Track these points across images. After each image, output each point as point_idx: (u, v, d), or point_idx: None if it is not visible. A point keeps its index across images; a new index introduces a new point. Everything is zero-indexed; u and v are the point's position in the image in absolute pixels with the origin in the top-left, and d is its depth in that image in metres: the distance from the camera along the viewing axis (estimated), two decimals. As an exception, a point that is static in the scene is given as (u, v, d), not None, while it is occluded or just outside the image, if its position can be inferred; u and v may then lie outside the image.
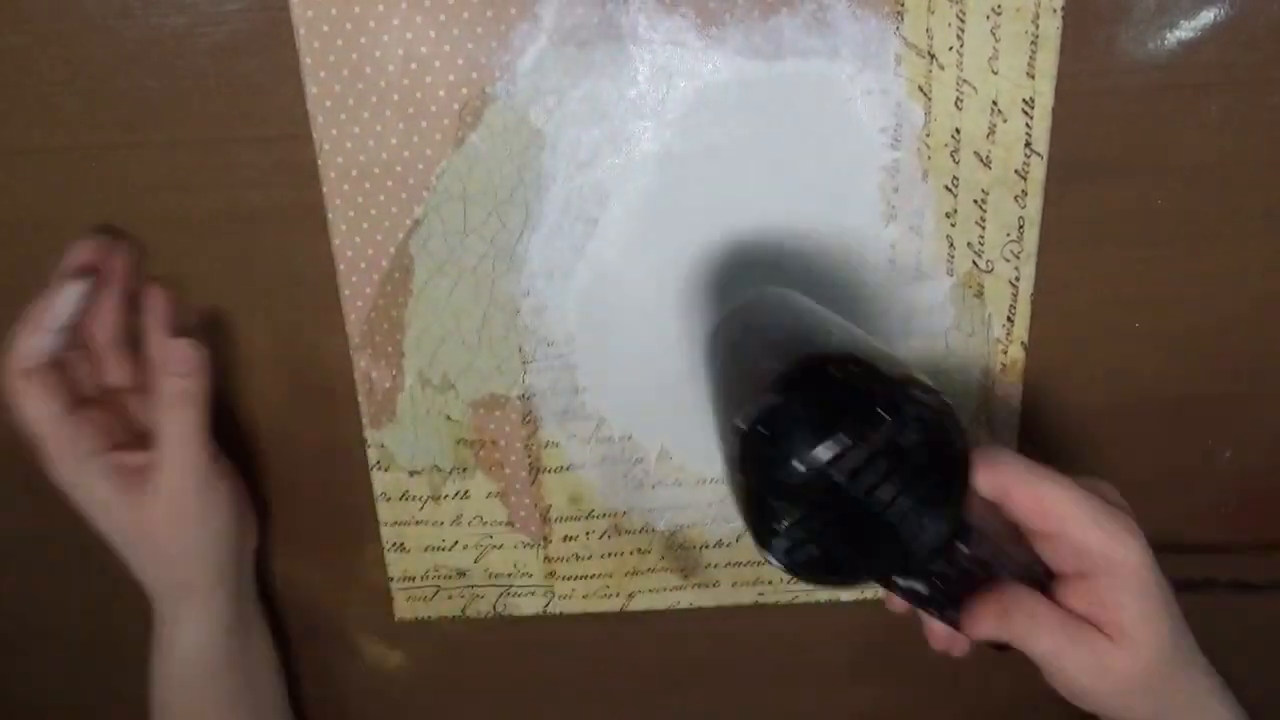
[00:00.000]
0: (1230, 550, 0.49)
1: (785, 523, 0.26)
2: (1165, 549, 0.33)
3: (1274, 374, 0.45)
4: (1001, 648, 0.34)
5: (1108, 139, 0.41)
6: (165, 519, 0.41)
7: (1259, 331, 0.45)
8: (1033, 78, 0.39)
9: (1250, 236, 0.43)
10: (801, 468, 0.26)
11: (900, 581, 0.31)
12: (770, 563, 0.28)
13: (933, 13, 0.39)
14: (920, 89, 0.40)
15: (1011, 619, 0.33)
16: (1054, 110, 0.40)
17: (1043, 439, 0.46)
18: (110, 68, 0.40)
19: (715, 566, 0.49)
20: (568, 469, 0.46)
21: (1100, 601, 0.33)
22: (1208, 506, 0.48)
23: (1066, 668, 0.33)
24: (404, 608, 0.50)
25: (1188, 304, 0.44)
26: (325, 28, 0.39)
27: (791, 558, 0.27)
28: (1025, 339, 0.44)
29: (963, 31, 0.39)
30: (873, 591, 0.49)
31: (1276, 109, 0.40)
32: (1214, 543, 0.49)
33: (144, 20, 0.39)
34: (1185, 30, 0.39)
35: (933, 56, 0.39)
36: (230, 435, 0.46)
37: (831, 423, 0.26)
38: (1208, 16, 0.39)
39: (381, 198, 0.41)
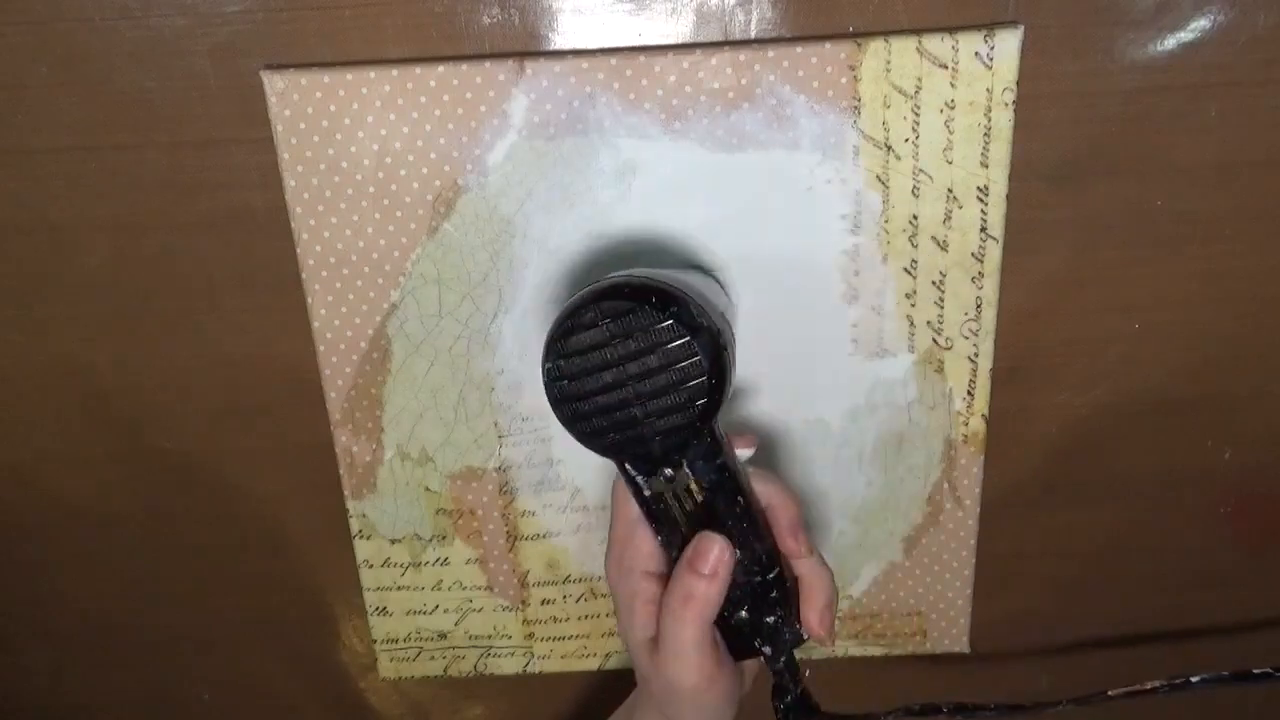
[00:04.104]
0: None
1: (554, 355, 0.33)
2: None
3: (1274, 374, 0.46)
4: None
5: (1108, 139, 0.41)
6: (662, 689, 0.37)
7: (1259, 331, 0.45)
8: (986, 167, 0.41)
9: (1250, 236, 0.43)
10: (573, 325, 0.33)
11: (629, 469, 0.35)
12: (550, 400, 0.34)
13: (888, 107, 0.40)
14: (878, 178, 0.41)
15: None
16: (1054, 110, 0.40)
17: (1041, 442, 0.47)
18: (110, 68, 0.40)
19: (689, 627, 0.50)
20: (544, 536, 0.48)
21: None
22: (1208, 506, 0.49)
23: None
24: (388, 668, 0.51)
25: (1188, 304, 0.44)
26: (302, 125, 0.40)
27: (554, 385, 0.33)
28: (985, 411, 0.45)
29: (918, 124, 0.40)
30: (843, 651, 0.51)
31: (1276, 109, 0.41)
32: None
33: (144, 20, 0.39)
34: (1185, 31, 0.39)
35: (889, 148, 0.40)
36: (226, 437, 0.47)
37: (610, 300, 0.33)
38: (1207, 17, 0.39)
39: (359, 283, 0.43)
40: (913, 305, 0.43)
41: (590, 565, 0.48)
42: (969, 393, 0.45)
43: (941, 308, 0.43)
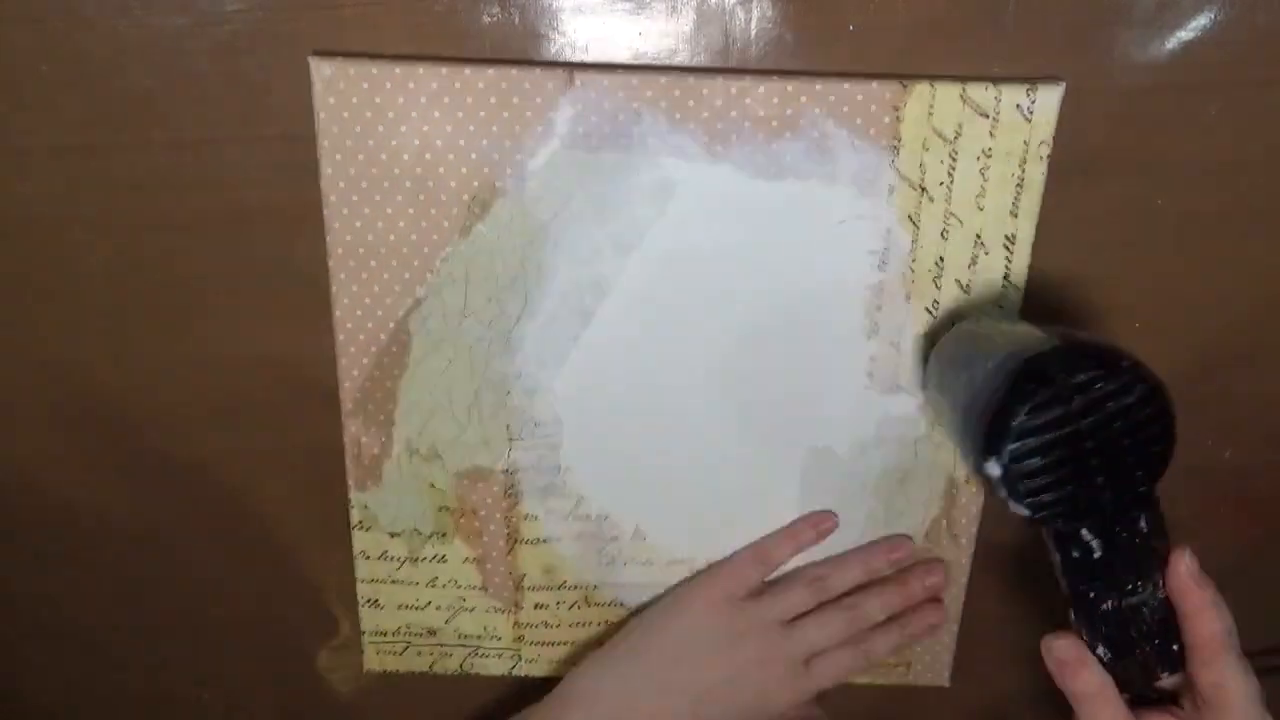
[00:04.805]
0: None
1: (1015, 434, 0.33)
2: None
3: (1274, 374, 0.46)
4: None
5: (1108, 139, 0.41)
6: None
7: (1259, 331, 0.45)
8: (1015, 216, 0.42)
9: (1250, 236, 0.43)
10: (1045, 396, 0.33)
11: (1084, 533, 0.35)
12: (988, 473, 0.34)
13: (927, 150, 0.41)
14: (910, 218, 0.42)
15: (1087, 694, 0.36)
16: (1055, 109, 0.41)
17: None
18: (110, 68, 0.40)
19: (679, 642, 0.50)
20: (544, 541, 0.48)
21: None
22: (1208, 506, 0.49)
23: None
24: (373, 660, 0.51)
25: (1188, 303, 0.45)
26: (345, 114, 0.40)
27: (1014, 465, 0.33)
28: (990, 454, 0.46)
29: (953, 169, 0.41)
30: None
31: (1276, 109, 0.41)
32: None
33: (144, 20, 0.39)
34: (1185, 30, 0.40)
35: (924, 189, 0.41)
36: (225, 436, 0.47)
37: (1069, 371, 0.33)
38: (1208, 17, 0.39)
39: (385, 275, 0.43)
40: (931, 345, 0.44)
41: (587, 573, 0.49)
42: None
43: (958, 349, 0.44)
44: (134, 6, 0.39)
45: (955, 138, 0.40)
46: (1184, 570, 0.36)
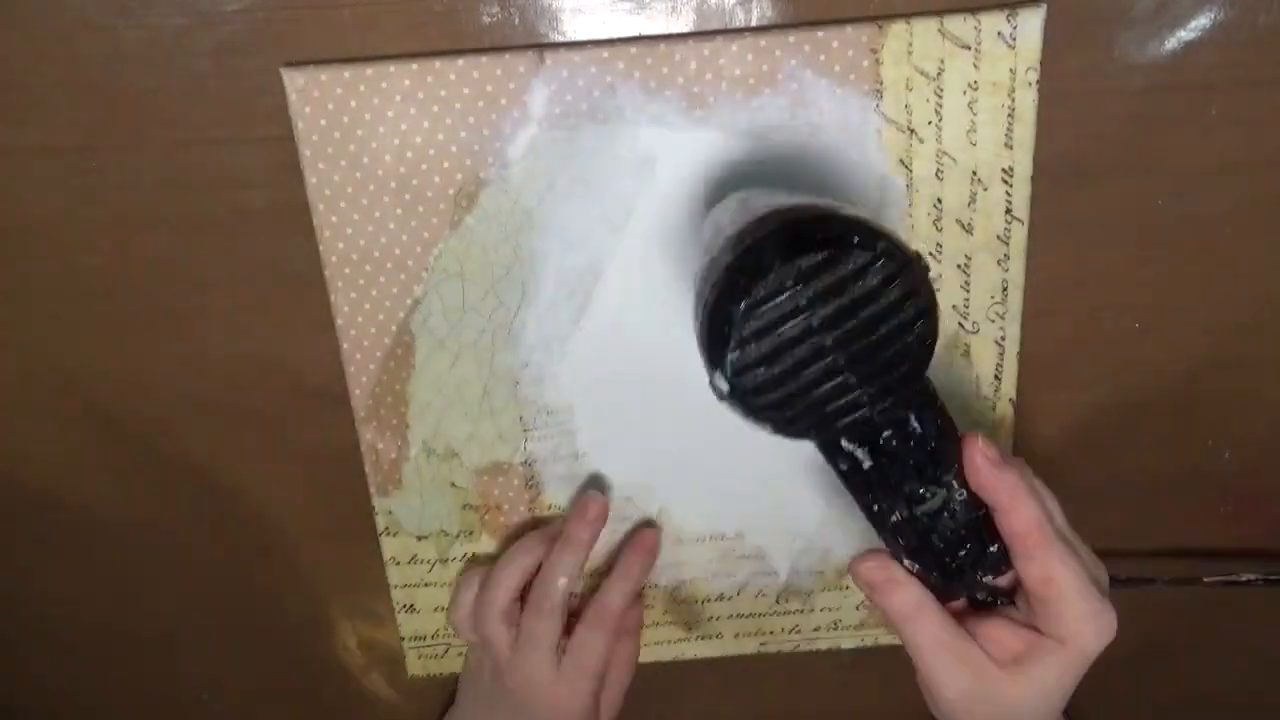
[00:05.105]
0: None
1: (734, 339, 0.28)
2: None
3: (1274, 374, 0.46)
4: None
5: (1108, 139, 0.41)
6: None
7: (1259, 331, 0.45)
8: (1010, 148, 0.40)
9: (1250, 236, 0.43)
10: (762, 291, 0.27)
11: (844, 443, 0.31)
12: (718, 389, 0.29)
13: (910, 90, 0.40)
14: (901, 162, 0.41)
15: (904, 614, 0.33)
16: (1054, 110, 0.40)
17: (1042, 441, 0.47)
18: (110, 68, 0.40)
19: (717, 619, 0.50)
20: (570, 530, 0.48)
21: (1030, 647, 0.33)
22: (1208, 506, 0.49)
23: (942, 680, 0.33)
24: (416, 665, 0.51)
25: (1188, 304, 0.44)
26: (323, 121, 0.40)
27: (739, 378, 0.28)
28: (1013, 396, 0.45)
29: (940, 107, 0.40)
30: (873, 640, 0.50)
31: (1277, 109, 0.41)
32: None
33: (143, 20, 0.39)
34: (1185, 30, 0.39)
35: (912, 131, 0.40)
36: (226, 438, 0.47)
37: (788, 258, 0.27)
38: (1208, 17, 0.39)
39: (382, 279, 0.43)
40: (938, 290, 0.43)
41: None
42: (996, 377, 0.44)
43: (967, 292, 0.43)
44: (134, 7, 0.39)
45: (939, 74, 0.39)
46: (980, 462, 0.31)
